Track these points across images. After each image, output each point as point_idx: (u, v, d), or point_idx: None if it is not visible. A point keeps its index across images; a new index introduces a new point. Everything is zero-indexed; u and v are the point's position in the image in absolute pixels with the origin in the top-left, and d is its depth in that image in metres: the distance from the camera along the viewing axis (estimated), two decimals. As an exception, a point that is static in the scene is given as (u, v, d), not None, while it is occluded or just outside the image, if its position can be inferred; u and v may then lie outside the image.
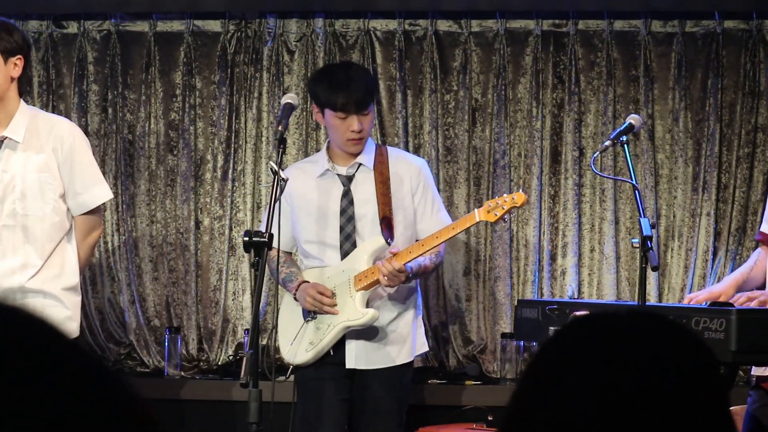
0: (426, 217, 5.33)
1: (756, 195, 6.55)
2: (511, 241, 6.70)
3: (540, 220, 6.69)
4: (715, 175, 6.62)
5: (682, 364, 1.50)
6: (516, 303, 6.10)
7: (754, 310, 4.44)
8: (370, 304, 5.20)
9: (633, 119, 4.94)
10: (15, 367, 1.07)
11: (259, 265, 4.38)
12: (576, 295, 6.59)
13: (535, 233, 6.68)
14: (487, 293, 6.70)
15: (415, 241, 5.24)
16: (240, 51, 6.83)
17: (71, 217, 5.03)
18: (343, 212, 5.24)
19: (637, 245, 4.54)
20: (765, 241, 4.96)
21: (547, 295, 6.62)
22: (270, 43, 6.80)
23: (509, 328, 6.55)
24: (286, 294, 5.40)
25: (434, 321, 6.72)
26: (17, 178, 4.87)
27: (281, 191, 4.55)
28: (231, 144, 6.80)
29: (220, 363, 6.75)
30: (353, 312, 5.14)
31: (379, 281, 5.15)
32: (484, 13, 6.75)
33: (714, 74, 6.65)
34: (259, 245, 4.38)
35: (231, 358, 6.71)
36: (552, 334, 1.58)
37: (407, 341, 5.29)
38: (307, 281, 5.22)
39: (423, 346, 5.47)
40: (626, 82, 6.71)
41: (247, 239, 4.40)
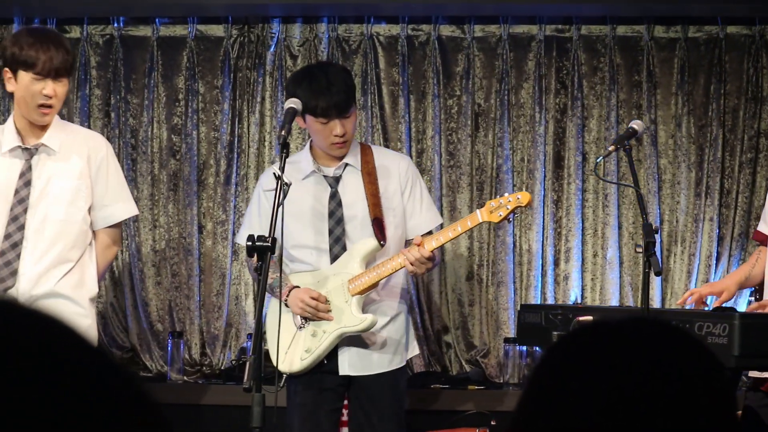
0: (416, 215, 5.19)
1: (759, 200, 6.55)
2: (514, 246, 6.70)
3: (543, 225, 6.69)
4: (718, 180, 6.62)
5: (686, 369, 1.51)
6: (519, 308, 6.10)
7: (757, 315, 4.44)
8: (363, 309, 5.06)
9: (636, 124, 4.94)
10: (40, 371, 1.09)
11: (262, 270, 4.37)
12: (579, 300, 6.59)
13: (538, 238, 6.68)
14: (490, 298, 6.70)
15: (405, 240, 5.13)
16: (243, 56, 6.84)
17: (93, 231, 5.06)
18: (331, 214, 5.10)
19: (640, 250, 4.54)
20: (762, 241, 4.97)
21: (550, 300, 6.63)
22: (273, 47, 6.81)
23: (512, 333, 6.54)
24: (272, 300, 5.20)
25: (437, 326, 6.72)
26: (51, 184, 4.88)
27: (284, 196, 4.53)
28: (234, 148, 6.80)
29: (222, 367, 6.75)
30: (350, 318, 5.01)
31: (377, 284, 5.04)
32: (487, 18, 6.75)
33: (717, 79, 6.65)
34: (262, 249, 4.37)
35: (234, 362, 6.70)
36: (556, 341, 1.58)
37: (401, 345, 5.19)
38: (298, 286, 5.05)
39: (414, 349, 5.34)
40: (629, 88, 6.72)
41: (250, 244, 4.39)
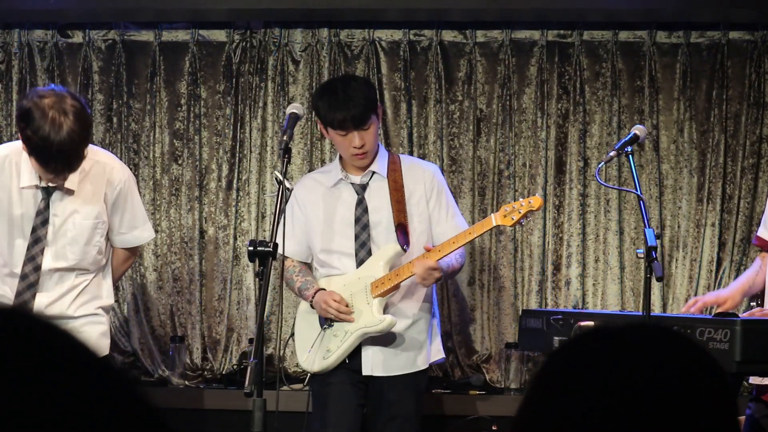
0: (441, 222, 5.35)
1: (761, 205, 6.54)
2: (516, 251, 6.70)
3: (544, 230, 6.69)
4: (720, 186, 6.62)
5: (688, 375, 1.51)
6: (520, 313, 6.11)
7: (758, 321, 4.44)
8: (385, 311, 5.22)
9: (638, 130, 4.94)
10: (39, 378, 1.10)
11: (263, 275, 4.38)
12: (580, 305, 6.59)
13: (540, 243, 6.68)
14: (491, 303, 6.70)
15: (432, 246, 5.27)
16: (245, 61, 6.84)
17: (110, 248, 5.12)
18: (357, 220, 5.28)
19: (641, 255, 4.54)
20: (763, 246, 4.96)
21: (551, 305, 6.62)
22: (275, 53, 6.81)
23: (513, 338, 6.54)
24: (302, 302, 5.41)
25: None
26: (68, 223, 4.90)
27: (286, 201, 4.55)
28: (236, 153, 6.80)
29: (224, 372, 6.75)
30: (371, 318, 5.16)
31: (398, 287, 5.18)
32: (489, 24, 6.75)
33: (719, 85, 6.65)
34: (264, 254, 4.38)
35: (235, 367, 6.70)
36: (557, 346, 1.58)
37: (423, 348, 5.33)
38: (323, 289, 5.25)
39: (439, 353, 5.47)
40: (631, 93, 6.71)
41: (251, 248, 4.41)
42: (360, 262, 5.26)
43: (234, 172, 6.80)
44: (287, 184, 4.54)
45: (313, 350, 5.27)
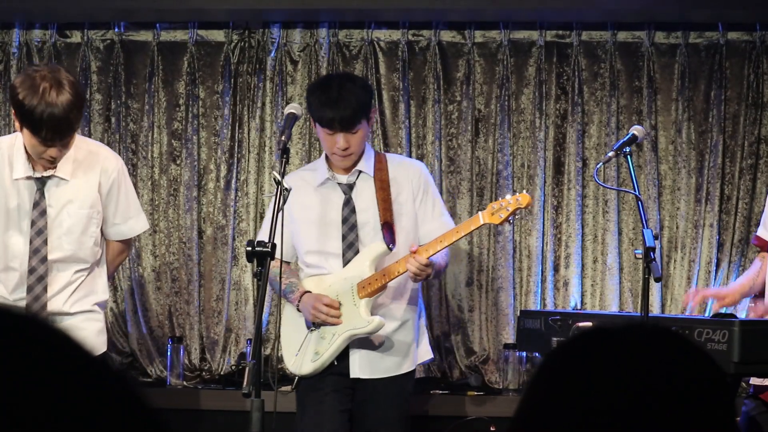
0: (428, 221, 5.27)
1: (759, 206, 6.54)
2: (514, 251, 6.69)
3: (543, 231, 6.69)
4: (718, 187, 6.62)
5: (686, 375, 1.50)
6: (519, 313, 6.10)
7: (756, 322, 4.45)
8: (373, 312, 5.13)
9: (636, 130, 4.94)
10: (39, 384, 1.10)
11: (261, 275, 4.38)
12: (579, 306, 6.59)
13: (538, 244, 6.68)
14: (489, 304, 6.70)
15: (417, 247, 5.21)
16: (243, 61, 6.84)
17: (104, 241, 5.09)
18: (345, 221, 5.20)
19: (639, 256, 4.54)
20: (762, 246, 4.96)
21: (549, 306, 6.62)
22: (273, 53, 6.81)
23: (512, 339, 6.54)
24: (287, 304, 5.32)
25: (437, 331, 6.72)
26: (63, 214, 4.88)
27: (284, 201, 4.54)
28: (234, 154, 6.80)
29: (222, 373, 6.75)
30: (358, 320, 5.07)
31: (385, 287, 5.11)
32: (487, 24, 6.75)
33: (717, 85, 6.65)
34: (262, 255, 4.38)
35: (233, 367, 6.70)
36: (555, 347, 1.58)
37: (410, 350, 5.25)
38: (309, 291, 5.15)
39: (427, 353, 5.41)
40: (629, 93, 6.72)
41: (250, 249, 4.40)
42: (347, 263, 5.17)
43: (232, 172, 6.80)
44: (285, 185, 4.54)
45: (300, 353, 5.17)
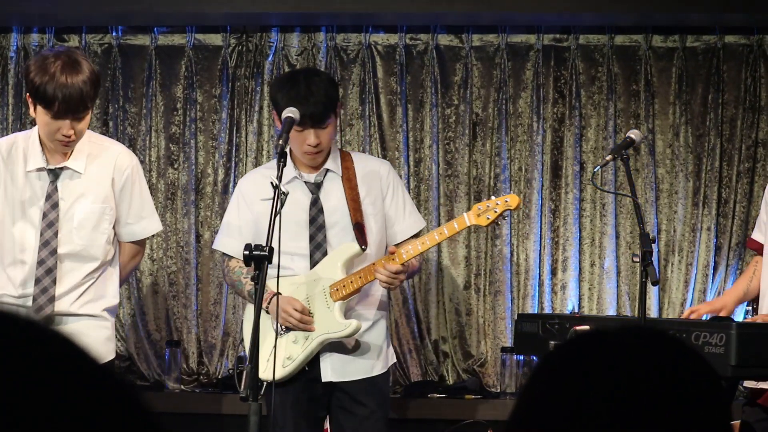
0: (400, 220, 5.14)
1: (756, 209, 6.54)
2: (512, 255, 6.70)
3: (540, 235, 6.69)
4: (716, 190, 6.62)
5: (681, 378, 1.51)
6: (516, 317, 6.10)
7: (753, 325, 4.45)
8: (345, 315, 4.99)
9: (633, 134, 4.93)
10: (36, 388, 1.10)
11: (258, 279, 4.37)
12: (576, 309, 6.59)
13: (536, 247, 6.68)
14: (487, 307, 6.70)
15: (385, 246, 5.07)
16: (241, 65, 6.84)
17: (117, 242, 5.02)
18: (312, 221, 5.04)
19: (637, 260, 4.53)
20: (757, 249, 4.96)
21: (547, 310, 6.62)
22: (271, 56, 6.81)
23: (509, 343, 6.54)
24: (247, 306, 5.13)
25: (434, 335, 6.72)
26: (75, 208, 4.83)
27: (282, 205, 4.52)
28: (232, 158, 6.80)
29: (219, 376, 6.75)
30: (334, 324, 4.94)
31: (359, 290, 4.97)
32: (485, 28, 6.76)
33: (714, 89, 6.66)
34: (259, 258, 4.37)
35: (231, 371, 6.70)
36: (551, 350, 1.58)
37: (383, 351, 5.12)
38: (279, 293, 4.80)
39: (392, 356, 5.27)
40: (627, 97, 6.72)
41: (247, 253, 4.38)
42: (314, 264, 5.02)
43: (230, 176, 6.80)
44: (283, 189, 4.53)
45: (271, 358, 4.85)
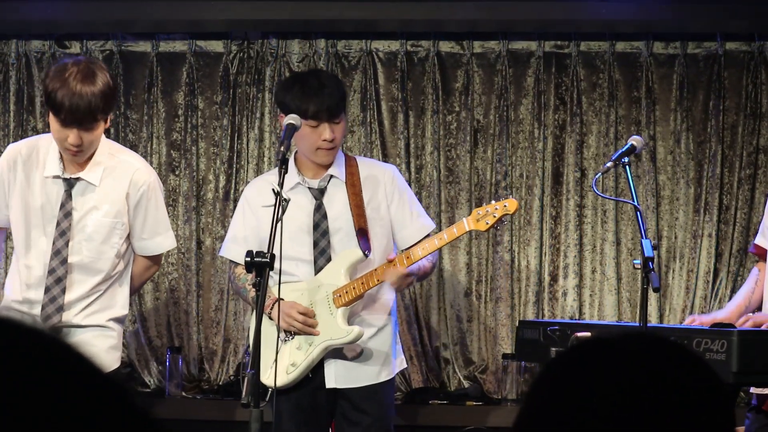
0: (407, 225, 5.11)
1: (757, 216, 6.54)
2: (513, 262, 6.70)
3: (541, 241, 6.69)
4: (717, 197, 6.62)
5: (685, 385, 1.50)
6: (517, 324, 6.10)
7: (755, 332, 4.44)
8: (349, 321, 4.98)
9: (635, 140, 4.93)
10: (43, 397, 1.09)
11: (260, 285, 4.36)
12: (577, 316, 6.59)
13: (537, 254, 6.68)
14: (488, 314, 6.70)
15: (394, 250, 5.07)
16: (242, 71, 6.85)
17: (131, 254, 4.99)
18: (316, 227, 5.03)
19: (638, 266, 4.53)
20: (760, 255, 4.96)
21: (548, 316, 6.62)
22: (272, 63, 6.82)
23: (510, 349, 6.54)
24: (253, 313, 5.02)
25: (435, 342, 6.72)
26: (87, 219, 4.81)
27: (283, 211, 4.51)
28: (233, 164, 6.81)
29: (221, 383, 6.75)
30: (336, 330, 4.93)
31: (362, 296, 4.96)
32: (486, 35, 6.76)
33: (716, 96, 6.66)
34: (261, 265, 4.37)
35: (232, 377, 6.70)
36: (554, 357, 1.58)
37: (388, 358, 5.11)
38: (282, 299, 4.85)
39: (402, 362, 5.26)
40: (628, 104, 6.72)
41: (248, 259, 4.38)
42: (318, 270, 5.01)
43: (231, 182, 6.80)
44: (284, 195, 4.52)
45: (275, 365, 4.84)
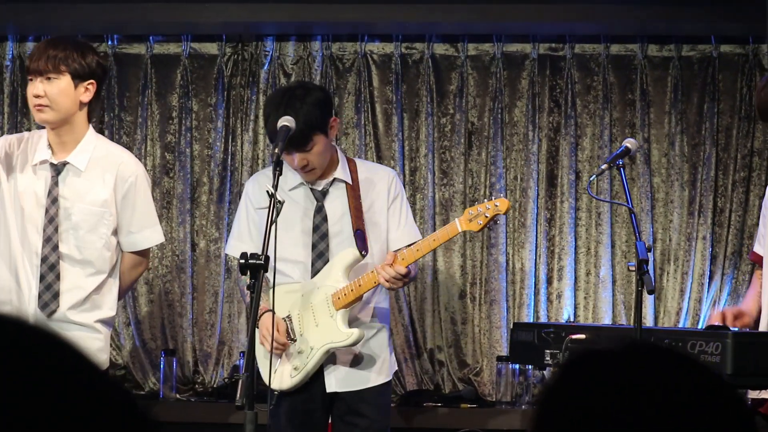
0: (396, 228, 5.11)
1: (752, 219, 6.55)
2: (507, 264, 6.69)
3: (536, 244, 6.69)
4: (711, 199, 6.63)
5: (699, 397, 1.49)
6: (511, 326, 6.10)
7: (749, 334, 4.44)
8: (348, 323, 4.97)
9: (629, 143, 4.93)
10: (43, 393, 1.09)
11: (255, 288, 4.36)
12: (572, 318, 6.59)
13: (531, 256, 6.68)
14: (482, 316, 6.70)
15: (386, 252, 5.03)
16: (237, 73, 6.84)
17: (119, 252, 4.96)
18: (316, 229, 5.03)
19: (633, 269, 4.53)
20: (758, 262, 4.96)
21: (542, 319, 6.62)
22: (267, 65, 6.81)
23: (505, 351, 6.54)
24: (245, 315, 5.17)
25: (430, 344, 6.72)
26: (74, 207, 4.78)
27: (278, 213, 4.51)
28: (227, 166, 6.80)
29: (215, 385, 6.74)
30: (336, 333, 4.93)
31: (361, 298, 4.96)
32: (480, 37, 6.76)
33: (710, 98, 6.66)
34: (255, 267, 4.36)
35: (226, 380, 6.69)
36: (560, 370, 1.56)
37: (385, 360, 5.12)
38: (270, 309, 4.79)
39: (395, 364, 5.28)
40: (622, 106, 6.73)
41: (243, 261, 4.37)
42: (315, 272, 5.01)
43: (225, 185, 6.79)
44: (278, 197, 4.52)
45: (278, 369, 4.95)
